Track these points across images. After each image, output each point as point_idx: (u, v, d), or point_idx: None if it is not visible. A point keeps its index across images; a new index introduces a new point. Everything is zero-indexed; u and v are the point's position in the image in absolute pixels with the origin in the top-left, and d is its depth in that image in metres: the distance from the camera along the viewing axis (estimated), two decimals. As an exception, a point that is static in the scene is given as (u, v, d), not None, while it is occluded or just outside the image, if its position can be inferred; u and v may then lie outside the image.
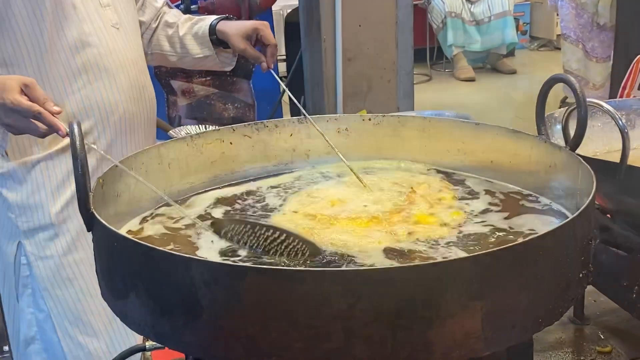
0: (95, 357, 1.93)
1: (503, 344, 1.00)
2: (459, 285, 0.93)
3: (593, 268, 1.62)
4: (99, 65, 1.85)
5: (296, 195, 1.46)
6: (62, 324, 1.90)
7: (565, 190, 1.35)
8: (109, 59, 1.87)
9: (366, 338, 0.92)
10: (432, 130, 1.63)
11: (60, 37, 1.79)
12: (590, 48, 3.44)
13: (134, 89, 1.94)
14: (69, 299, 1.89)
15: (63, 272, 1.88)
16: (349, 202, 1.39)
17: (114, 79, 1.88)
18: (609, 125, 1.73)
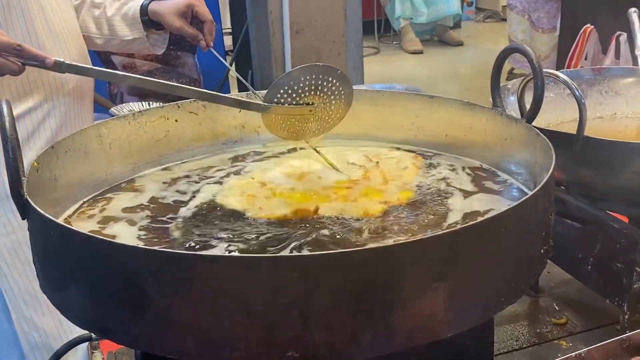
0: (50, 336, 1.87)
1: (466, 324, 0.97)
2: (420, 266, 0.89)
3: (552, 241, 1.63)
4: (52, 33, 1.76)
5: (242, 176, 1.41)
6: (17, 305, 1.83)
7: (522, 164, 1.32)
8: (61, 27, 1.79)
9: (326, 325, 0.87)
10: (385, 104, 1.58)
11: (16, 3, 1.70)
12: (536, 18, 3.44)
13: (82, 59, 1.87)
14: (25, 279, 1.81)
15: (20, 251, 1.79)
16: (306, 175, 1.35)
17: (66, 47, 1.80)
18: (561, 96, 1.72)
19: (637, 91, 1.77)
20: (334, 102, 1.28)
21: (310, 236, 1.08)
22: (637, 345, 0.98)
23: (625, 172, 1.37)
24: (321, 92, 1.26)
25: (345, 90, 1.28)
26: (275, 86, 1.25)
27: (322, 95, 1.26)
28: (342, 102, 1.29)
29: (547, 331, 1.69)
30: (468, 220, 1.15)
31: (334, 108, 1.29)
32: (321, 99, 1.27)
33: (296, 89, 1.24)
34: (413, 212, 1.19)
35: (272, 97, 1.25)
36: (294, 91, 1.24)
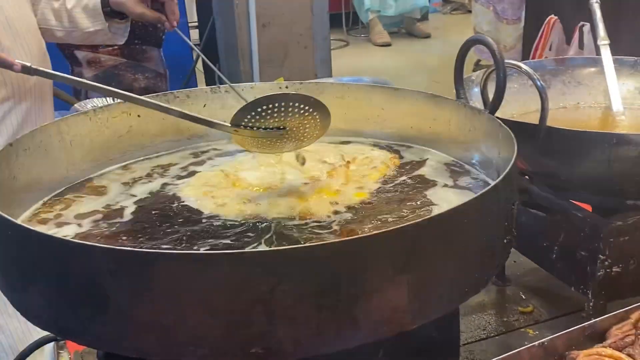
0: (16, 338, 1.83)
1: (431, 316, 0.97)
2: (384, 259, 0.89)
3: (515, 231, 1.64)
4: (11, 29, 1.73)
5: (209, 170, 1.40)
6: None
7: (487, 155, 1.33)
8: (20, 23, 1.76)
9: (290, 320, 0.87)
10: (351, 96, 1.58)
11: None
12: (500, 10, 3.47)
13: (41, 54, 1.84)
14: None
15: None
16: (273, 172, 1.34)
17: (25, 43, 1.77)
18: (525, 87, 1.73)
19: (599, 81, 1.79)
20: (307, 126, 1.21)
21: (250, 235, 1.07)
22: (599, 333, 1.00)
23: (588, 161, 1.39)
24: (293, 117, 1.18)
25: (320, 115, 1.20)
26: (244, 109, 1.17)
27: (294, 120, 1.19)
28: (317, 126, 1.22)
29: (514, 320, 1.71)
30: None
31: (309, 130, 1.22)
32: (294, 123, 1.19)
33: (266, 114, 1.16)
34: (357, 214, 1.16)
35: (240, 120, 1.17)
36: (263, 116, 1.16)
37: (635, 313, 0.99)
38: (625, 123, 1.70)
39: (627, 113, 1.73)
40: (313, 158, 1.40)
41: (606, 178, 1.42)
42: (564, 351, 0.95)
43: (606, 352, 0.89)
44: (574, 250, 1.50)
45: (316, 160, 1.38)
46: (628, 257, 1.46)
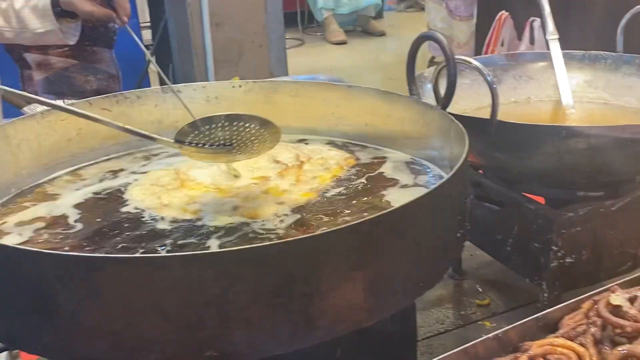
0: None
1: (387, 312, 0.98)
2: (338, 256, 0.88)
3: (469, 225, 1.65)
4: None
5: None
6: None
7: (440, 150, 1.34)
8: None
9: (244, 321, 0.86)
10: (305, 94, 1.57)
11: None
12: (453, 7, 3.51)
13: None
14: None
15: None
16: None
17: None
18: (477, 82, 1.75)
19: (549, 75, 1.82)
20: (256, 142, 1.18)
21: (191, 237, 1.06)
22: (552, 323, 1.01)
23: (539, 154, 1.41)
24: (241, 133, 1.16)
25: (269, 131, 1.17)
26: (189, 127, 1.14)
27: (243, 136, 1.16)
28: (266, 140, 1.19)
29: (471, 313, 1.74)
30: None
31: (258, 145, 1.19)
32: (242, 139, 1.16)
33: (213, 130, 1.14)
34: (300, 214, 1.14)
35: (185, 137, 1.14)
36: (210, 132, 1.14)
37: (586, 303, 1.01)
38: (575, 116, 1.73)
39: (576, 106, 1.77)
40: (266, 158, 1.39)
41: (557, 170, 1.44)
42: (518, 342, 0.96)
43: (558, 342, 0.91)
44: (527, 243, 1.53)
45: (269, 160, 1.37)
46: (580, 247, 1.49)
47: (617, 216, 1.50)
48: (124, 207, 1.19)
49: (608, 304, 0.94)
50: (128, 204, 1.20)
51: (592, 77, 1.83)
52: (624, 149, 1.35)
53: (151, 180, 1.30)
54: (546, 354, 0.89)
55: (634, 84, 1.75)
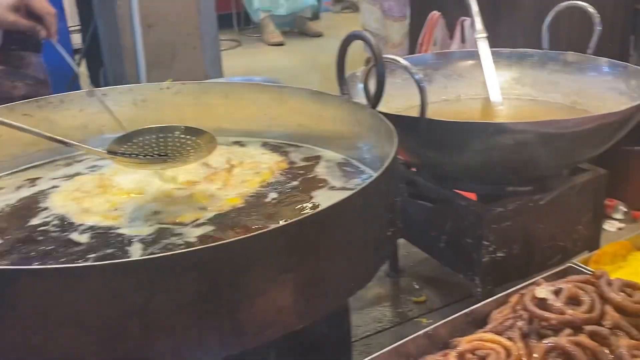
0: None
1: (318, 313, 0.96)
2: (265, 260, 0.86)
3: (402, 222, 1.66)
4: None
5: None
6: None
7: (372, 149, 1.34)
8: None
9: (169, 330, 0.83)
10: (236, 96, 1.55)
11: None
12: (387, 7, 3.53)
13: None
14: None
15: None
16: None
17: None
18: (409, 81, 1.76)
19: (478, 73, 1.85)
20: (191, 151, 1.16)
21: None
22: (481, 318, 1.02)
23: (468, 151, 1.42)
24: (175, 144, 1.14)
25: (204, 140, 1.15)
26: (123, 137, 1.12)
27: (177, 146, 1.14)
28: (202, 148, 1.17)
29: (408, 310, 1.75)
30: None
31: (193, 153, 1.17)
32: (176, 148, 1.14)
33: (147, 142, 1.12)
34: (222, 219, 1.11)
35: (118, 148, 1.12)
36: (144, 144, 1.12)
37: (514, 296, 1.02)
38: (504, 113, 1.76)
39: (505, 103, 1.80)
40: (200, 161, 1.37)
41: (486, 166, 1.46)
42: (449, 338, 0.96)
43: (487, 337, 0.91)
44: (460, 238, 1.55)
45: (198, 164, 1.34)
46: (511, 241, 1.51)
47: (546, 210, 1.53)
48: (44, 214, 1.14)
49: (534, 297, 0.95)
50: (48, 212, 1.15)
51: (520, 74, 1.87)
52: (550, 144, 1.38)
53: (74, 186, 1.25)
54: (475, 349, 0.90)
55: (559, 80, 1.80)
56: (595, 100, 1.69)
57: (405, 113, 1.65)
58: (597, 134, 1.41)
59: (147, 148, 1.12)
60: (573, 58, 1.78)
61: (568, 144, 1.39)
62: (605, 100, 1.66)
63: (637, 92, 1.59)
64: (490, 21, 2.04)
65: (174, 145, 1.13)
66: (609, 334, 0.88)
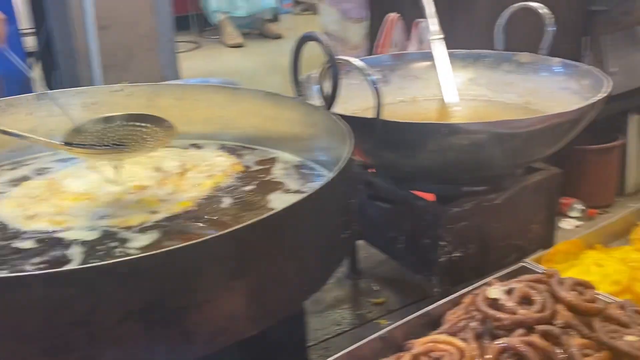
0: None
1: (271, 320, 0.95)
2: (214, 265, 0.85)
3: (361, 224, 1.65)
4: None
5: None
6: None
7: (328, 151, 1.33)
8: None
9: (115, 341, 0.81)
10: (189, 98, 1.53)
11: None
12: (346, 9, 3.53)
13: None
14: None
15: None
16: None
17: None
18: (365, 83, 1.76)
19: (435, 74, 1.85)
20: (150, 139, 1.15)
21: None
22: (435, 319, 1.02)
23: (423, 151, 1.42)
24: (133, 131, 1.13)
25: (161, 127, 1.15)
26: (79, 128, 1.11)
27: (135, 134, 1.13)
28: (160, 135, 1.16)
29: (367, 312, 1.74)
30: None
31: (152, 141, 1.16)
32: (134, 137, 1.13)
33: (104, 132, 1.11)
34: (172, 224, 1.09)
35: (75, 138, 1.11)
36: (101, 134, 1.11)
37: (467, 297, 1.02)
38: (460, 113, 1.77)
39: (461, 103, 1.81)
40: (149, 165, 1.34)
41: (442, 167, 1.46)
42: (403, 341, 0.95)
43: (440, 338, 0.91)
44: (417, 239, 1.54)
45: (151, 168, 1.31)
46: (467, 241, 1.52)
47: (501, 209, 1.54)
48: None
49: (486, 298, 0.95)
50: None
51: (475, 74, 1.88)
52: (504, 144, 1.39)
53: (22, 192, 1.22)
54: (429, 351, 0.89)
55: (514, 81, 1.81)
56: (548, 100, 1.71)
57: (361, 114, 1.65)
58: (550, 133, 1.42)
59: (104, 138, 1.10)
60: (526, 58, 1.80)
61: (522, 143, 1.40)
62: (558, 100, 1.68)
63: (589, 91, 1.61)
64: (446, 23, 2.05)
65: (131, 134, 1.11)
66: (561, 333, 0.88)
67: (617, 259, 1.23)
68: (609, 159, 2.36)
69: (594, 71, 1.64)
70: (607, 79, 1.55)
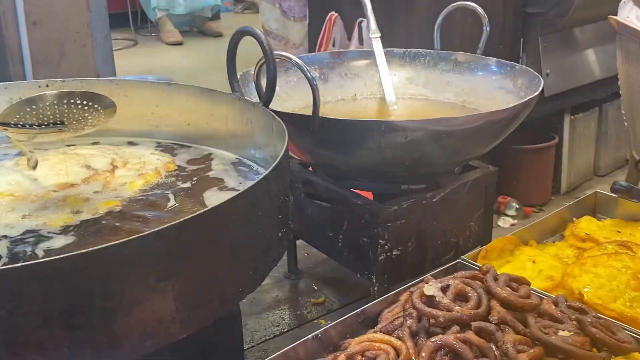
0: None
1: (203, 321, 0.92)
2: (141, 266, 0.81)
3: (301, 223, 1.63)
4: None
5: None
6: None
7: (264, 149, 1.30)
8: None
9: (36, 346, 0.76)
10: (121, 94, 1.47)
11: None
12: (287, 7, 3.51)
13: None
14: None
15: None
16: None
17: None
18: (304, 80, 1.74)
19: (374, 73, 1.85)
20: (90, 118, 1.10)
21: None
22: (372, 318, 1.00)
23: (361, 149, 1.41)
24: (72, 111, 1.09)
25: (102, 105, 1.11)
26: (14, 107, 1.07)
27: (75, 114, 1.09)
28: (101, 115, 1.12)
29: (307, 312, 1.72)
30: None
31: (91, 119, 1.12)
32: (74, 116, 1.09)
33: (41, 111, 1.07)
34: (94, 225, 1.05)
35: (11, 118, 1.06)
36: (38, 113, 1.06)
37: (403, 295, 1.01)
38: (398, 112, 1.77)
39: (399, 102, 1.81)
40: (78, 163, 1.28)
41: (380, 165, 1.46)
42: (340, 340, 0.94)
43: (376, 337, 0.90)
44: (356, 238, 1.53)
45: (80, 165, 1.26)
46: (406, 239, 1.52)
47: (439, 207, 1.55)
48: None
49: (422, 295, 0.94)
50: None
51: (413, 74, 1.89)
52: (440, 141, 1.39)
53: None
54: (365, 351, 0.88)
55: (451, 80, 1.83)
56: (484, 99, 1.73)
57: (301, 112, 1.63)
58: (485, 131, 1.43)
59: (42, 117, 1.06)
60: (463, 58, 1.81)
61: (458, 141, 1.41)
62: (495, 99, 1.70)
63: (523, 90, 1.63)
64: (386, 22, 2.06)
65: (70, 112, 1.07)
66: (495, 330, 0.88)
67: (551, 255, 1.25)
68: (545, 159, 2.42)
69: (528, 71, 1.67)
70: (540, 79, 1.57)
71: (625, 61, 1.81)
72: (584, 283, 1.10)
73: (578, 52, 2.38)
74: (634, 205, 1.45)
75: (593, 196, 1.55)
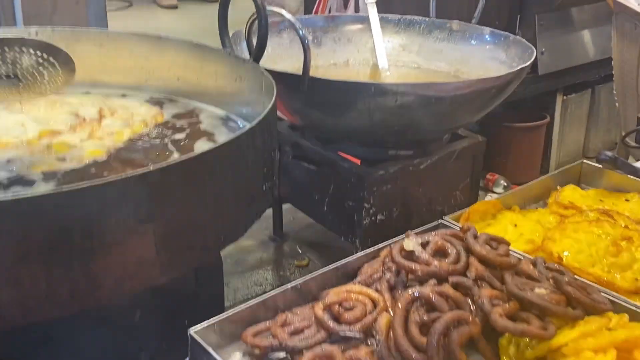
0: None
1: (183, 267, 0.92)
2: (124, 207, 0.81)
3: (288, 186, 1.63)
4: None
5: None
6: None
7: (253, 105, 1.30)
8: None
9: (13, 281, 0.76)
10: (110, 45, 1.46)
11: None
12: (285, -27, 3.48)
13: None
14: None
15: None
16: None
17: None
18: (296, 41, 1.73)
19: (367, 38, 1.84)
20: (46, 76, 1.09)
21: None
22: (352, 272, 1.01)
23: (350, 111, 1.41)
24: (26, 64, 1.06)
25: (60, 61, 1.08)
26: None
27: (29, 69, 1.07)
28: (58, 74, 1.10)
29: (290, 274, 1.73)
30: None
31: (48, 79, 1.10)
32: (29, 71, 1.07)
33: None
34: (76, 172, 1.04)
35: None
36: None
37: (384, 251, 1.02)
38: (390, 79, 1.77)
39: (391, 69, 1.80)
40: (66, 110, 1.27)
41: (368, 129, 1.45)
42: (319, 292, 0.95)
43: (354, 288, 0.90)
44: (342, 201, 1.54)
45: (68, 112, 1.25)
46: (391, 204, 1.52)
47: (425, 174, 1.55)
48: None
49: (402, 249, 0.95)
50: None
51: (407, 41, 1.88)
52: (430, 107, 1.39)
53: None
54: (342, 301, 0.88)
55: (444, 48, 1.82)
56: (477, 68, 1.72)
57: (295, 74, 1.62)
58: (476, 98, 1.43)
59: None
60: (457, 27, 1.81)
61: (448, 107, 1.41)
62: (487, 69, 1.69)
63: (516, 61, 1.63)
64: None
65: (22, 65, 1.04)
66: (472, 285, 0.89)
67: (533, 220, 1.25)
68: (535, 137, 2.42)
69: (521, 42, 1.67)
70: (533, 49, 1.57)
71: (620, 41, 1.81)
72: (563, 247, 1.11)
73: (574, 33, 2.37)
74: (618, 177, 1.46)
75: (579, 166, 1.56)
